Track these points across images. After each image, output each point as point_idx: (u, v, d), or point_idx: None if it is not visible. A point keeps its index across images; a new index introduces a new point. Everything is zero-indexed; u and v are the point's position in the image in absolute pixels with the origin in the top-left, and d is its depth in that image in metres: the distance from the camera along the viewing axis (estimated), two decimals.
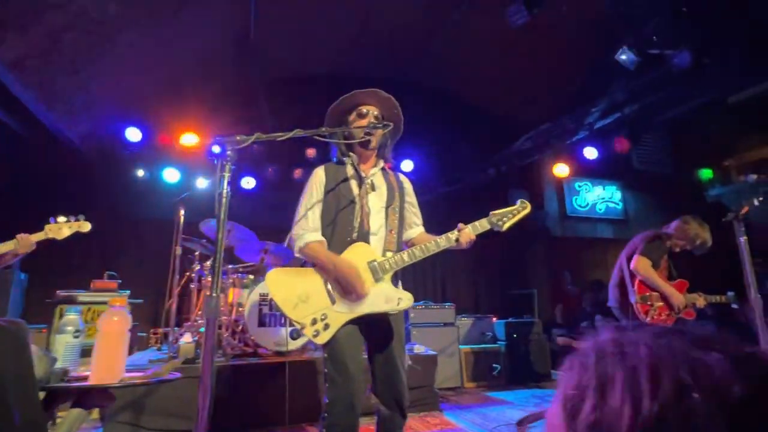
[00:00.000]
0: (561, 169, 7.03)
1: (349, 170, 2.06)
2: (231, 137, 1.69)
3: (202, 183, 6.23)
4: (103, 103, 5.51)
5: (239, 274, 4.24)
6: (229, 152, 1.61)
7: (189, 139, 6.00)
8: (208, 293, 1.99)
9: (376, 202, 2.01)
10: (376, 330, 1.93)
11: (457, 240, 1.95)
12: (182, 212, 3.97)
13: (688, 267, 3.42)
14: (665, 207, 8.89)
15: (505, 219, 2.06)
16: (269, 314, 3.91)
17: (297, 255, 1.97)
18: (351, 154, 2.09)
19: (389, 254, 1.93)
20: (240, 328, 3.89)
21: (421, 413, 3.85)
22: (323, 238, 1.95)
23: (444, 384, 4.79)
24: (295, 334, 3.83)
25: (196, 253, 4.35)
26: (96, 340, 1.57)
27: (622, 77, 5.37)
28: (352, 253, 1.91)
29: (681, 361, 0.35)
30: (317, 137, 1.89)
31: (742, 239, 2.48)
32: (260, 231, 4.56)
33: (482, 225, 2.03)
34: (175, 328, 3.89)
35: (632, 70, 4.73)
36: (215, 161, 1.63)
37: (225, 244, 4.37)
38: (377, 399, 1.94)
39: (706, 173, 8.38)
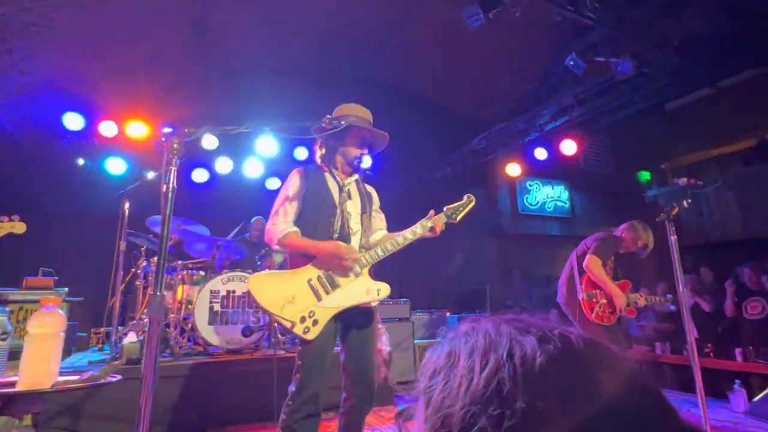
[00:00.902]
0: (513, 169, 7.27)
1: (329, 177, 2.18)
2: (179, 129, 1.61)
3: (151, 175, 5.94)
4: (40, 86, 5.12)
5: (189, 270, 4.08)
6: (176, 145, 1.53)
7: (136, 129, 5.69)
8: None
9: (354, 209, 2.17)
10: (358, 321, 2.06)
11: (431, 228, 2.15)
12: (127, 205, 3.77)
13: (628, 262, 3.63)
14: (608, 206, 9.41)
15: (457, 212, 2.28)
16: (221, 312, 3.79)
17: (276, 248, 2.09)
18: (335, 160, 2.20)
19: (364, 251, 2.09)
20: (189, 326, 3.75)
21: (375, 408, 3.87)
22: (297, 229, 2.06)
23: (399, 378, 4.83)
24: (248, 332, 3.74)
25: (142, 249, 4.14)
26: (25, 342, 1.46)
27: (571, 82, 5.61)
28: None
29: (505, 344, 0.42)
30: (274, 131, 1.85)
31: (673, 238, 2.66)
32: (212, 226, 4.40)
33: (442, 218, 2.23)
34: (119, 327, 3.69)
35: (580, 76, 4.96)
36: (163, 153, 1.55)
37: (174, 239, 4.18)
38: (346, 389, 2.04)
39: (644, 175, 8.92)
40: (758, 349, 4.37)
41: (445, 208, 2.26)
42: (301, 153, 6.71)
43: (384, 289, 2.07)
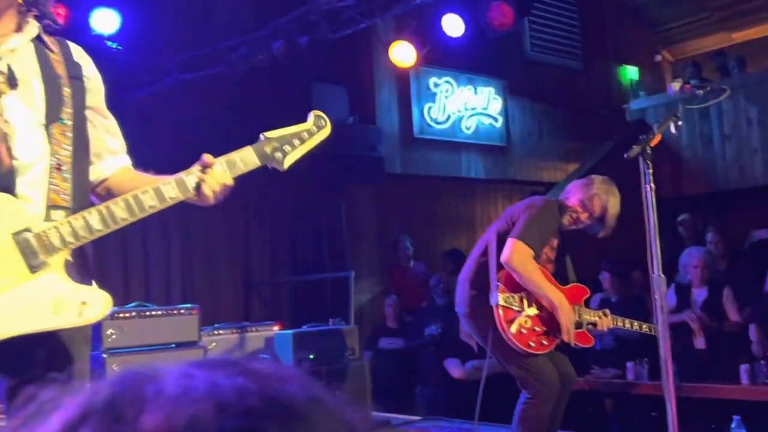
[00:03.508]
0: (404, 53, 7.45)
1: None
2: None
3: None
4: None
5: None
6: None
7: None
8: None
9: (23, 111, 2.03)
10: (39, 358, 1.95)
11: (198, 187, 2.07)
12: None
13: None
14: (571, 128, 10.19)
15: (287, 147, 2.24)
16: None
17: None
18: None
19: (60, 217, 1.98)
20: None
21: None
22: None
23: None
24: None
25: None
26: None
27: None
28: None
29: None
30: None
31: (648, 187, 2.91)
32: None
33: (245, 158, 2.18)
34: None
35: None
36: None
37: None
38: None
39: (625, 72, 9.83)
40: None
41: (262, 136, 2.22)
42: None
43: (97, 303, 2.00)
